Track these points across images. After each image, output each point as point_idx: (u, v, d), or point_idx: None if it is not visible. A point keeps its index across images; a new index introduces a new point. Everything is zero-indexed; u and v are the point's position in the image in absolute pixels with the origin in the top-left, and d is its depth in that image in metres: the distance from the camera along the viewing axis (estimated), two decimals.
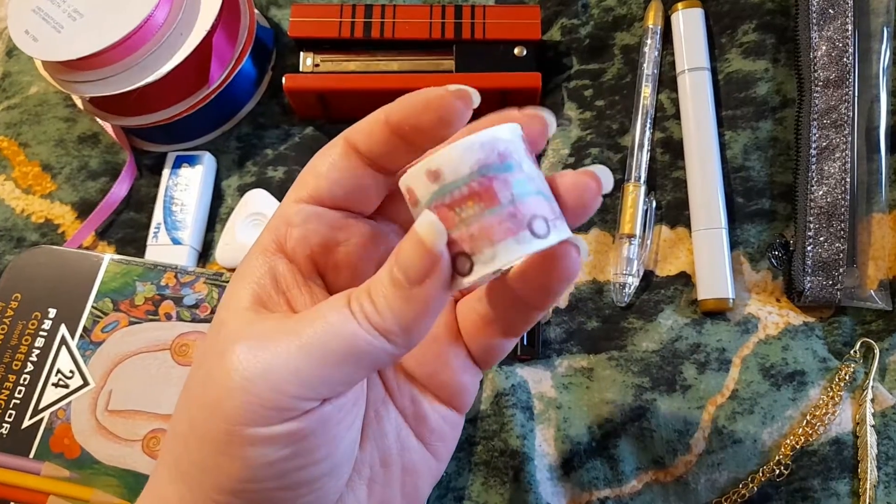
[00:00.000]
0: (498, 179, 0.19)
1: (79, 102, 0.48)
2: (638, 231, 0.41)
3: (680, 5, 0.44)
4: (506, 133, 0.20)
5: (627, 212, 0.41)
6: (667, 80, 0.44)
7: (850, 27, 0.41)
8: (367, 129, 0.22)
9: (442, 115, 0.20)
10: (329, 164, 0.22)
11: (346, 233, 0.22)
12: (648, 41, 0.44)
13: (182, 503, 0.21)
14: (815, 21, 0.41)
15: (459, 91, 0.21)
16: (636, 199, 0.41)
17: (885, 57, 0.41)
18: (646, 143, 0.43)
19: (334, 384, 0.20)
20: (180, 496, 0.21)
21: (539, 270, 0.21)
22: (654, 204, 0.42)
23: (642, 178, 0.42)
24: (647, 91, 0.43)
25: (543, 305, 0.23)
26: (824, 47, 0.41)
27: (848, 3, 0.41)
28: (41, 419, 0.38)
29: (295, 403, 0.19)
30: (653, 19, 0.44)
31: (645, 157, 0.43)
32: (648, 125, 0.43)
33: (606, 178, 0.21)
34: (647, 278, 0.41)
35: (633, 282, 0.40)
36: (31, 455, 0.37)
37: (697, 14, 0.43)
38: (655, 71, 0.44)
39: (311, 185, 0.22)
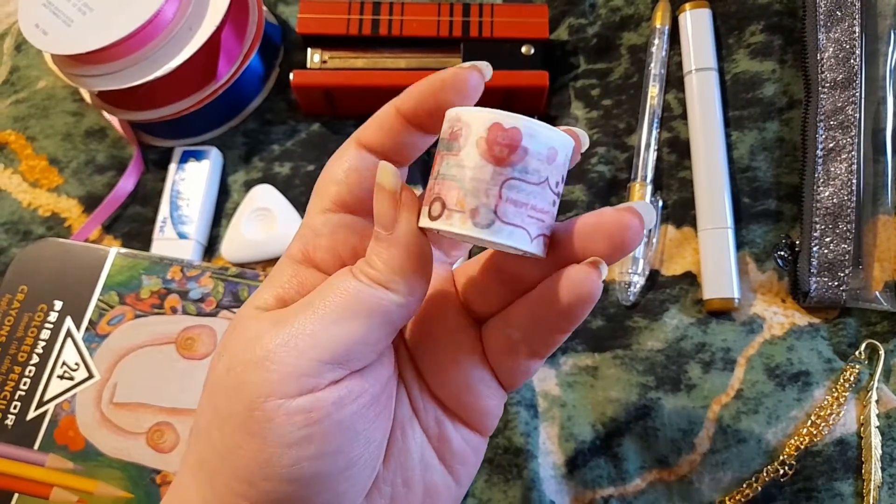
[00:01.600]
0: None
1: (87, 96, 0.48)
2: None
3: (687, 6, 0.44)
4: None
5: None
6: (674, 80, 0.44)
7: (857, 29, 0.41)
8: (378, 125, 0.22)
9: (460, 90, 0.21)
10: (346, 168, 0.22)
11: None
12: (656, 41, 0.44)
13: (203, 501, 0.21)
14: (822, 23, 0.41)
15: (473, 66, 0.21)
16: (642, 199, 0.41)
17: (891, 59, 0.41)
18: (652, 142, 0.43)
19: (351, 345, 0.20)
20: (202, 495, 0.21)
21: (559, 294, 0.21)
22: (660, 203, 0.42)
23: (648, 178, 0.42)
24: (653, 91, 0.44)
25: (566, 329, 0.22)
26: (832, 49, 0.41)
27: (856, 6, 0.41)
28: (46, 411, 0.38)
29: (315, 371, 0.20)
30: (660, 19, 0.45)
31: (651, 156, 0.43)
32: (655, 125, 0.43)
33: (649, 215, 0.21)
34: (653, 278, 0.41)
35: (639, 281, 0.40)
36: (36, 447, 0.37)
37: (705, 14, 0.44)
38: (662, 71, 0.44)
39: (332, 192, 0.22)
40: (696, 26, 0.43)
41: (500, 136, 0.20)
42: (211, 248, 0.45)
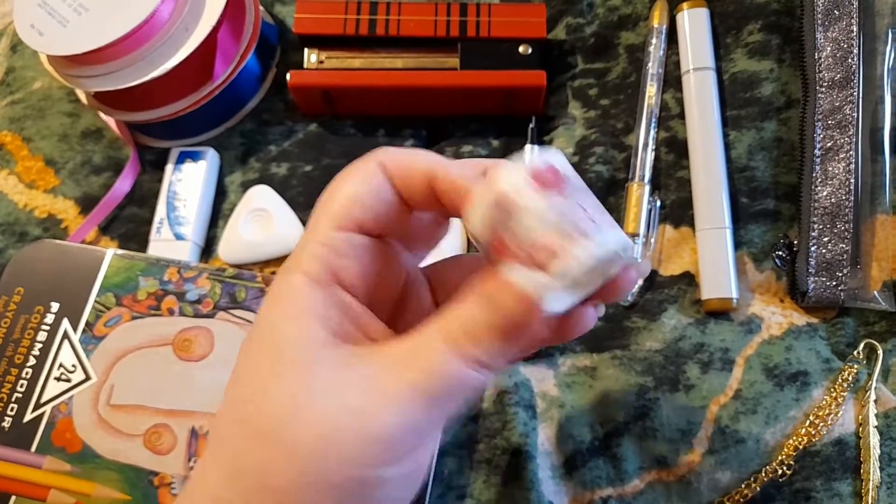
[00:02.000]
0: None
1: (83, 97, 0.48)
2: (642, 230, 0.41)
3: (685, 5, 0.44)
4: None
5: (631, 211, 0.41)
6: (672, 79, 0.44)
7: (855, 28, 0.41)
8: (408, 175, 0.23)
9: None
10: (370, 191, 0.22)
11: (396, 264, 0.24)
12: (653, 40, 0.44)
13: None
14: (820, 22, 0.41)
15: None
16: (640, 199, 0.41)
17: (889, 58, 0.41)
18: (650, 142, 0.43)
19: (449, 419, 0.22)
20: None
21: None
22: (658, 203, 0.42)
23: (646, 178, 0.42)
24: (651, 90, 0.43)
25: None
26: (829, 48, 0.41)
27: (853, 5, 0.41)
28: (43, 413, 0.38)
29: (414, 443, 0.21)
30: (658, 18, 0.44)
31: (649, 156, 0.43)
32: (653, 124, 0.43)
33: (645, 270, 0.23)
34: (651, 278, 0.41)
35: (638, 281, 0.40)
36: (33, 449, 0.37)
37: (703, 14, 0.43)
38: (660, 70, 0.44)
39: (355, 214, 0.22)
40: (694, 26, 0.43)
41: (539, 167, 0.20)
42: (208, 249, 0.45)
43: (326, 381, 0.20)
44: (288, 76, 0.44)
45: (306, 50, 0.45)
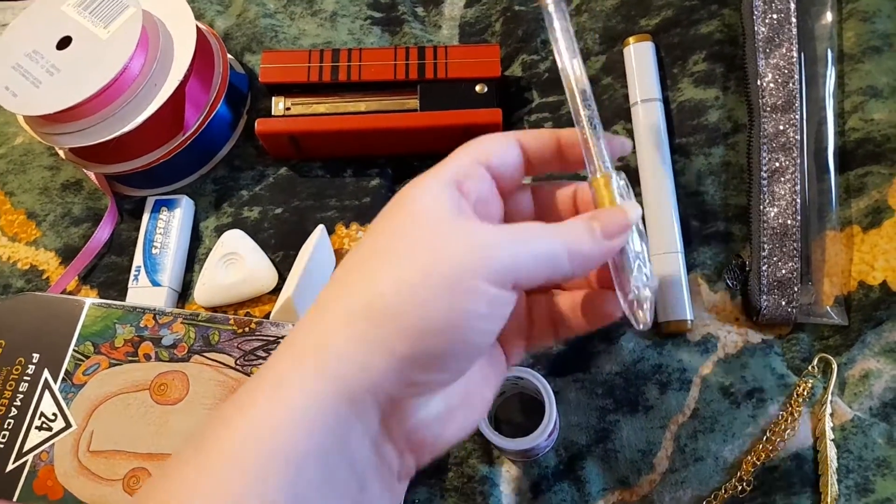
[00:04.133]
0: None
1: (61, 152, 0.50)
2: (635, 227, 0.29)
3: (631, 39, 0.46)
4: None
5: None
6: (621, 111, 0.46)
7: (795, 54, 0.43)
8: (537, 136, 0.30)
9: None
10: (501, 146, 0.29)
11: (496, 200, 0.29)
12: (555, 22, 0.31)
13: (347, 346, 0.24)
14: (761, 49, 0.43)
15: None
16: (611, 190, 0.29)
17: (830, 80, 0.43)
18: (596, 124, 0.30)
19: (530, 276, 0.26)
20: (346, 343, 0.24)
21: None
22: (624, 182, 0.30)
23: (608, 163, 0.30)
24: (577, 73, 0.30)
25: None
26: (771, 74, 0.43)
27: (792, 31, 0.43)
28: (25, 462, 0.39)
29: (508, 277, 0.25)
30: None
31: (603, 144, 0.30)
32: (588, 102, 0.30)
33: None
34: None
35: (649, 295, 0.29)
36: (15, 498, 0.38)
37: (648, 47, 0.45)
38: (573, 44, 0.31)
39: (487, 153, 0.28)
40: (640, 59, 0.45)
41: None
42: (184, 293, 0.46)
43: (464, 221, 0.26)
44: (256, 125, 0.46)
45: (274, 98, 0.47)
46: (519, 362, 0.32)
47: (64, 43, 0.44)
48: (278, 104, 0.47)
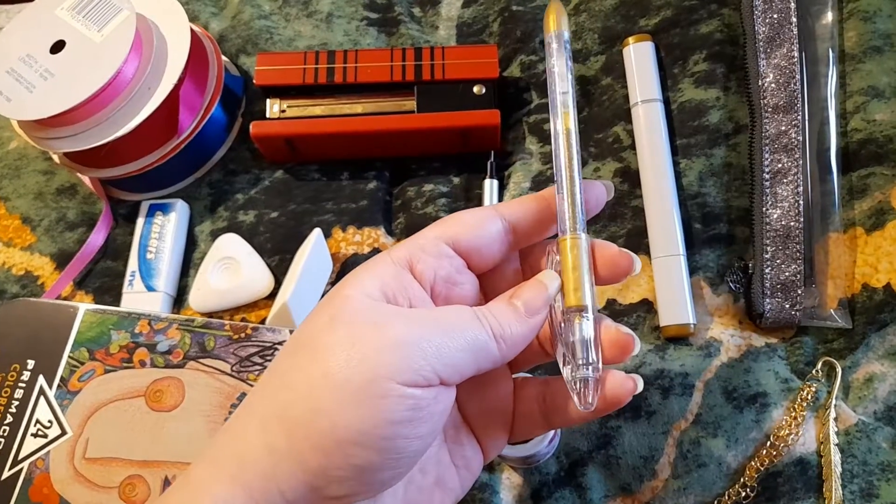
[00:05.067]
0: None
1: (55, 157, 0.50)
2: (589, 299, 0.27)
3: (631, 39, 0.45)
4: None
5: (571, 276, 0.27)
6: (622, 112, 0.45)
7: (796, 54, 0.42)
8: (524, 207, 0.28)
9: None
10: (476, 221, 0.28)
11: (463, 278, 0.28)
12: (554, 54, 0.30)
13: (268, 449, 0.23)
14: (762, 49, 0.43)
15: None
16: (578, 257, 0.27)
17: (832, 80, 0.43)
18: (577, 188, 0.28)
19: (457, 369, 0.24)
20: (267, 444, 0.23)
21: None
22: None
23: (580, 225, 0.27)
24: (567, 120, 0.29)
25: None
26: (772, 74, 0.42)
27: (793, 31, 0.43)
28: (20, 469, 0.39)
29: (430, 374, 0.24)
30: (555, 23, 0.31)
31: (579, 198, 0.28)
32: (577, 165, 0.28)
33: (637, 346, 0.27)
34: (611, 307, 0.42)
35: (595, 374, 0.27)
36: None
37: (648, 47, 0.45)
38: (570, 88, 0.30)
39: (454, 231, 0.27)
40: (640, 59, 0.45)
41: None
42: (180, 298, 0.46)
43: (372, 312, 0.25)
44: (250, 127, 0.45)
45: (268, 100, 0.47)
46: (498, 453, 0.30)
47: (58, 47, 0.44)
48: (273, 106, 0.47)
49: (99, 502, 0.38)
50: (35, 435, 0.40)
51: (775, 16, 0.43)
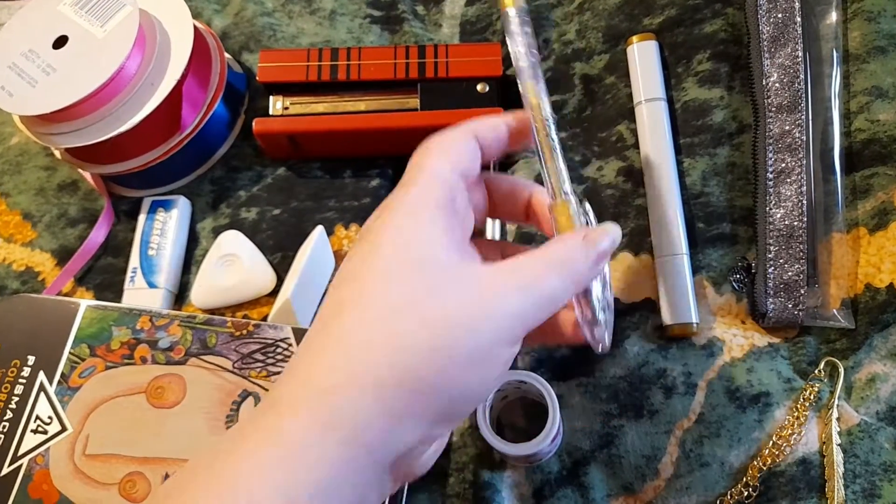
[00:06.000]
0: None
1: (57, 152, 0.50)
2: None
3: (635, 38, 0.45)
4: None
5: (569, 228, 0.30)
6: (625, 111, 0.45)
7: (800, 53, 0.42)
8: (494, 129, 0.31)
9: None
10: (469, 147, 0.29)
11: (468, 203, 0.30)
12: (513, 28, 0.31)
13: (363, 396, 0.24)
14: (766, 48, 0.43)
15: None
16: (570, 217, 0.30)
17: (836, 81, 0.43)
18: (555, 139, 0.31)
19: (533, 327, 0.26)
20: (356, 395, 0.24)
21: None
22: (592, 215, 0.32)
23: (567, 187, 0.31)
24: (531, 93, 0.31)
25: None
26: (776, 74, 0.42)
27: (797, 31, 0.42)
28: (20, 466, 0.39)
29: (522, 333, 0.26)
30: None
31: (563, 169, 0.31)
32: (553, 131, 0.31)
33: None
34: (614, 305, 0.41)
35: (607, 317, 0.31)
36: (10, 502, 0.38)
37: (652, 46, 0.45)
38: (533, 60, 0.32)
39: (463, 161, 0.29)
40: (644, 58, 0.44)
41: None
42: (181, 295, 0.46)
43: (474, 275, 0.26)
44: (253, 124, 0.45)
45: (271, 97, 0.47)
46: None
47: (60, 42, 0.44)
48: (276, 104, 0.47)
49: (99, 499, 0.38)
50: (35, 431, 0.39)
51: (780, 15, 0.43)
